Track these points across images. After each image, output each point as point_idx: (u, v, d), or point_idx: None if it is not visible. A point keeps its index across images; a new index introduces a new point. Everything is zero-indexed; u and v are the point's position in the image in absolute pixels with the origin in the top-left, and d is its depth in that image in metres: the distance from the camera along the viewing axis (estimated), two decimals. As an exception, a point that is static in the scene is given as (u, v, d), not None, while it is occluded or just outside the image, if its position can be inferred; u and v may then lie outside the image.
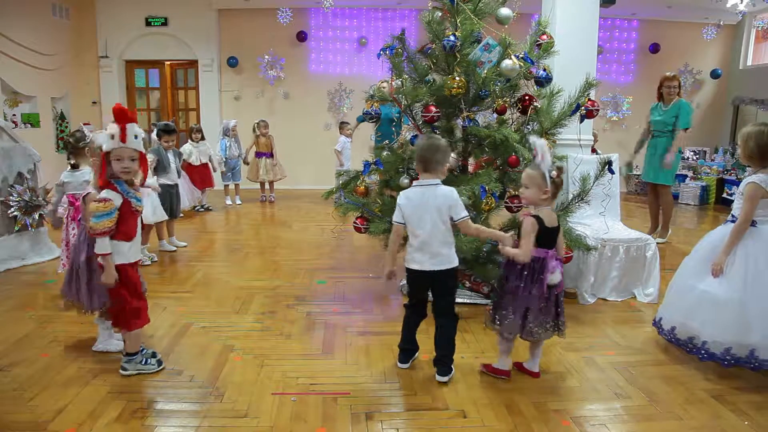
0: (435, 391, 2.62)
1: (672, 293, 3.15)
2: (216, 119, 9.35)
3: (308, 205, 8.02)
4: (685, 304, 2.99)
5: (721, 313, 2.80)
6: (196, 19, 9.27)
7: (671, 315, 3.09)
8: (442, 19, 3.66)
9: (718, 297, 2.82)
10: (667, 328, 3.10)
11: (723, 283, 2.84)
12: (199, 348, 3.09)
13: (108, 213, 2.52)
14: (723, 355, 2.80)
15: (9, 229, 4.67)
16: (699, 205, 8.61)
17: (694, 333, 2.92)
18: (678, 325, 3.02)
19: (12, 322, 3.44)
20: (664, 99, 5.69)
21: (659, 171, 5.70)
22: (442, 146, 2.63)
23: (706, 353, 2.85)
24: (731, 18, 9.05)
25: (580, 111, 3.70)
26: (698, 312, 2.90)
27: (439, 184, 2.61)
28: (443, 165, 2.63)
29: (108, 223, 2.52)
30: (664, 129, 5.63)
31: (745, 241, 2.84)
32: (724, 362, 2.81)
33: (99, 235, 2.54)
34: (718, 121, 9.93)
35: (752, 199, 2.80)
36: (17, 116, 7.84)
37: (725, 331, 2.78)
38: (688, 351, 2.99)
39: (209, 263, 4.90)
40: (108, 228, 2.53)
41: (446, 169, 2.68)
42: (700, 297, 2.91)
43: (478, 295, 3.86)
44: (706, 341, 2.85)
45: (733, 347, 2.78)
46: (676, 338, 3.04)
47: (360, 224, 3.78)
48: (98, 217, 2.51)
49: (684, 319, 2.97)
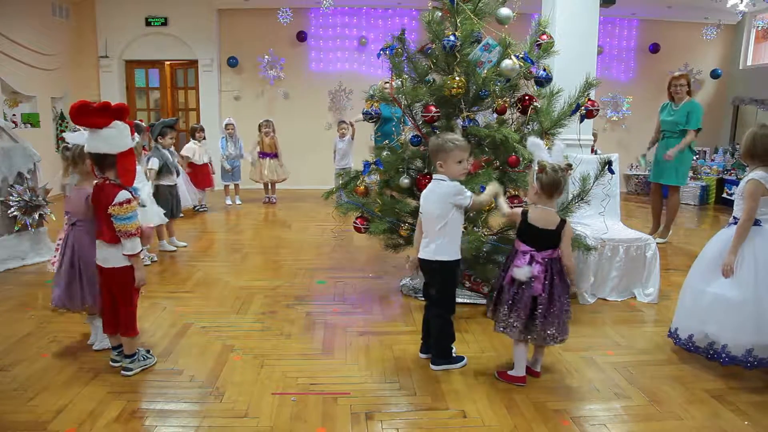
0: (435, 391, 2.62)
1: (684, 301, 3.07)
2: (216, 119, 9.34)
3: (308, 205, 8.01)
4: (698, 310, 2.92)
5: (737, 315, 2.76)
6: (196, 19, 9.27)
7: (687, 323, 3.00)
8: (442, 19, 3.65)
9: (730, 299, 2.79)
10: (684, 336, 3.00)
11: (734, 284, 2.80)
12: (199, 348, 3.09)
13: (135, 213, 2.61)
14: (745, 357, 2.76)
15: (9, 229, 4.67)
16: (699, 205, 8.61)
17: (713, 338, 2.85)
18: (696, 333, 2.93)
19: (12, 322, 3.44)
20: (674, 99, 5.64)
21: (671, 172, 5.67)
22: (443, 145, 2.74)
23: (727, 357, 2.79)
24: (731, 18, 9.05)
25: (580, 111, 3.70)
26: (713, 316, 2.84)
27: (444, 179, 2.76)
28: (447, 162, 2.74)
29: (138, 223, 2.61)
30: (674, 129, 5.58)
31: (751, 241, 2.82)
32: (747, 364, 2.76)
33: (132, 236, 2.59)
34: (718, 121, 9.93)
35: (754, 196, 2.79)
36: (17, 116, 7.84)
37: (745, 333, 2.74)
38: (708, 357, 2.89)
39: (209, 263, 4.90)
40: (138, 227, 2.61)
41: (457, 165, 2.74)
42: (712, 301, 2.86)
43: (478, 295, 3.86)
44: (726, 345, 2.80)
45: (755, 348, 2.74)
46: (695, 346, 2.95)
47: (360, 224, 3.78)
48: (129, 219, 2.57)
49: (700, 325, 2.90)
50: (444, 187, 2.75)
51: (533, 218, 2.58)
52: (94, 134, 2.57)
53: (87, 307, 2.93)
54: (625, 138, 10.07)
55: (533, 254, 2.56)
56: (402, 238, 3.88)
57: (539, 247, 2.57)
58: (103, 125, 2.54)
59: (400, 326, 3.46)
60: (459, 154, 2.73)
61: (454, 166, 2.74)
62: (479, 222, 3.63)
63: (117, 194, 2.57)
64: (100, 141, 2.57)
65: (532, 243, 2.58)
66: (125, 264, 2.64)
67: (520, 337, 2.62)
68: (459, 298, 3.83)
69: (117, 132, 2.58)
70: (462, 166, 2.77)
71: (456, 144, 2.73)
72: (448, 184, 2.75)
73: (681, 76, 5.63)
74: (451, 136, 2.81)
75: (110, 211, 2.56)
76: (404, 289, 4.13)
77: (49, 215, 4.96)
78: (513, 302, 2.59)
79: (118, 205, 2.56)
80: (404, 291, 4.11)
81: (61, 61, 8.66)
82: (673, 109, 5.63)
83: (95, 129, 2.55)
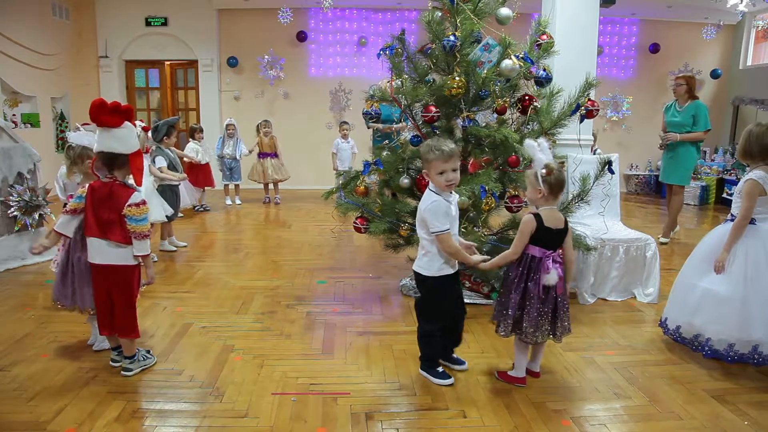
0: (435, 391, 2.62)
1: (675, 293, 3.19)
2: (216, 119, 9.35)
3: (308, 205, 8.01)
4: (688, 302, 3.03)
5: (724, 311, 2.85)
6: (196, 19, 9.27)
7: (676, 314, 3.13)
8: (442, 19, 3.65)
9: (720, 294, 2.87)
10: (673, 327, 3.14)
11: (724, 280, 2.88)
12: (199, 348, 3.09)
13: (147, 215, 2.63)
14: (726, 351, 2.86)
15: (9, 229, 4.67)
16: (699, 205, 8.61)
17: (698, 331, 2.97)
18: (683, 324, 3.07)
19: (12, 322, 3.44)
20: (678, 99, 5.65)
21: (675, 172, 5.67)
22: (425, 153, 2.57)
23: (710, 350, 2.90)
24: (731, 18, 9.05)
25: (580, 111, 3.70)
26: (701, 310, 2.95)
27: (432, 190, 2.59)
28: (430, 173, 2.56)
29: (150, 225, 2.63)
30: (681, 131, 5.58)
31: (744, 239, 2.88)
32: (727, 359, 2.86)
33: (144, 237, 2.61)
34: (718, 121, 9.91)
35: (751, 196, 2.84)
36: (17, 116, 7.84)
37: (728, 327, 2.83)
38: (693, 349, 3.03)
39: (209, 263, 4.90)
40: (150, 229, 2.63)
41: (438, 177, 2.53)
42: (702, 295, 2.95)
43: (478, 295, 3.86)
44: (709, 338, 2.90)
45: (737, 344, 2.83)
46: (682, 337, 3.08)
47: (360, 224, 3.78)
48: (143, 220, 2.59)
49: (688, 317, 3.02)
50: (423, 201, 2.59)
51: (548, 220, 2.51)
52: (108, 133, 2.57)
53: (77, 306, 2.88)
54: (624, 138, 10.07)
55: (553, 255, 2.51)
56: (402, 238, 3.88)
57: (555, 248, 2.54)
58: (117, 125, 2.57)
59: (400, 326, 3.46)
60: (439, 165, 2.49)
61: (436, 177, 2.53)
62: (479, 222, 3.63)
63: (131, 195, 2.59)
64: (114, 140, 2.57)
65: (548, 245, 2.52)
66: (127, 263, 2.64)
67: (545, 339, 2.60)
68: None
69: (128, 132, 2.62)
70: (444, 178, 2.51)
71: (437, 153, 2.49)
72: (427, 200, 2.56)
73: (681, 76, 5.66)
74: (437, 142, 2.53)
75: (125, 212, 2.57)
76: (404, 289, 4.13)
77: (49, 215, 4.96)
78: (541, 309, 2.52)
79: (135, 206, 2.58)
80: (404, 291, 4.11)
81: (61, 61, 8.66)
82: (677, 110, 5.63)
83: (110, 128, 2.56)
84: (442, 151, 2.49)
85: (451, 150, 2.51)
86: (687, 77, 5.66)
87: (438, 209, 2.53)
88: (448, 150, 2.50)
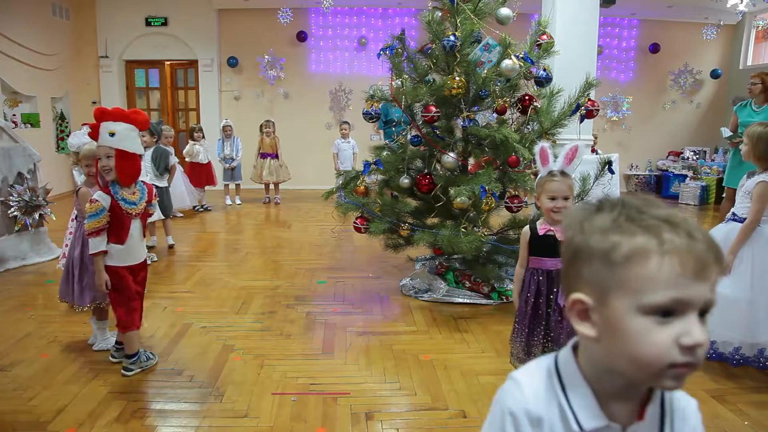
0: (435, 391, 2.62)
1: None
2: (216, 119, 9.34)
3: (308, 205, 8.01)
4: None
5: (730, 313, 2.78)
6: (196, 19, 9.27)
7: None
8: (442, 19, 3.66)
9: (725, 297, 2.80)
10: None
11: (730, 283, 2.82)
12: (199, 348, 3.09)
13: (95, 214, 2.58)
14: (732, 354, 2.84)
15: (9, 229, 4.67)
16: (699, 205, 8.61)
17: None
18: None
19: (12, 322, 3.44)
20: (754, 99, 5.19)
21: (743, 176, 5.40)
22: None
23: (714, 353, 2.88)
24: (731, 18, 9.04)
25: (580, 111, 3.70)
26: None
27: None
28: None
29: (95, 224, 2.58)
30: None
31: (750, 242, 2.83)
32: (732, 361, 2.84)
33: (89, 236, 2.61)
34: (718, 121, 9.90)
35: (763, 199, 2.76)
36: (17, 116, 7.84)
37: (734, 330, 2.80)
38: None
39: (209, 263, 4.90)
40: (96, 228, 2.59)
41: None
42: None
43: (478, 295, 3.86)
44: (715, 341, 2.88)
45: (743, 347, 2.81)
46: None
47: (360, 224, 3.78)
48: (88, 218, 2.60)
49: None
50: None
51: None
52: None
53: (74, 304, 2.93)
54: (624, 138, 10.08)
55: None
56: (402, 238, 3.88)
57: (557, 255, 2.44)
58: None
59: (400, 326, 3.46)
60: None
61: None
62: (479, 222, 3.63)
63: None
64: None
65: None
66: (108, 263, 2.66)
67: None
68: (459, 298, 3.84)
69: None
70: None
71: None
72: None
73: (756, 74, 5.16)
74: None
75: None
76: (404, 289, 4.13)
77: (49, 215, 4.96)
78: (559, 320, 2.32)
79: (88, 203, 2.63)
80: (404, 291, 4.10)
81: (61, 61, 8.66)
82: (754, 110, 5.20)
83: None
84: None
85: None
86: (763, 75, 5.12)
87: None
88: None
